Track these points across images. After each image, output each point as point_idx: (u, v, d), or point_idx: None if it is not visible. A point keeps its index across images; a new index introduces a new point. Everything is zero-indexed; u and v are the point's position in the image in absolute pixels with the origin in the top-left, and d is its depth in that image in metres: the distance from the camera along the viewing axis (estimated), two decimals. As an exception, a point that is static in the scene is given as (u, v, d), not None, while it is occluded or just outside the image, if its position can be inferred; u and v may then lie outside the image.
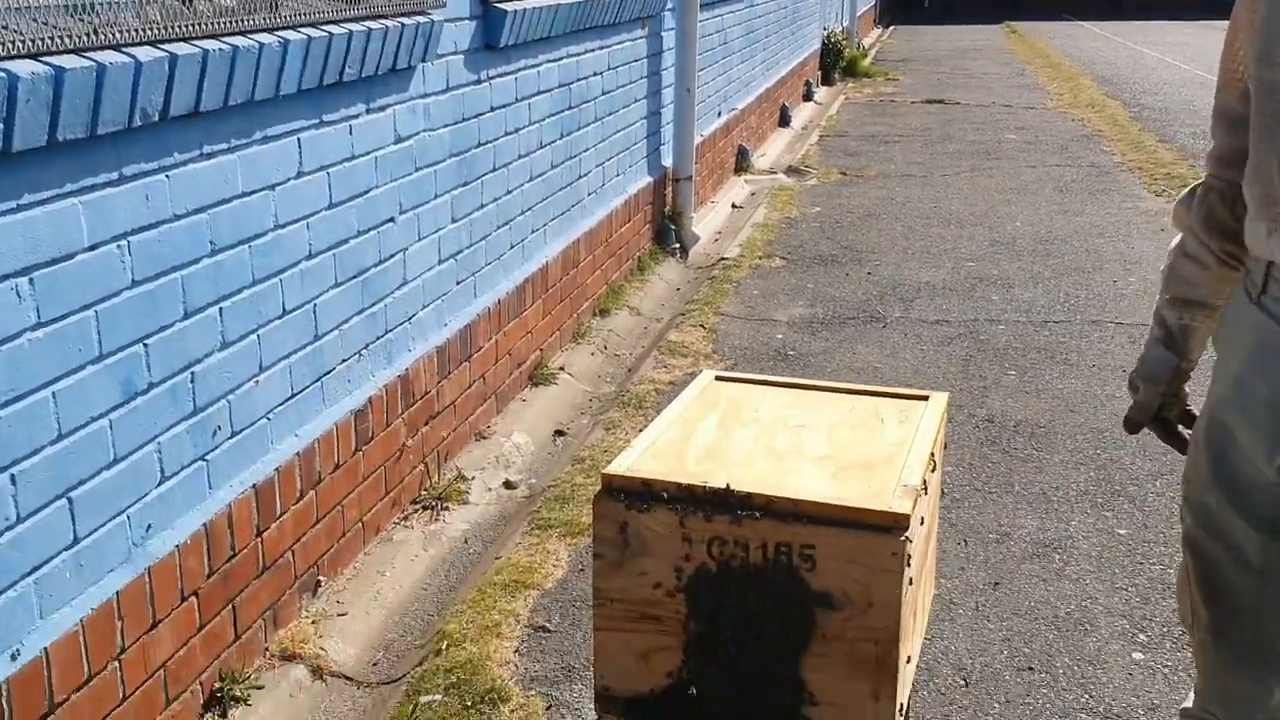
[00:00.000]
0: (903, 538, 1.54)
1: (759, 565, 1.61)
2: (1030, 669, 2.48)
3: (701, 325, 4.84)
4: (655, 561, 1.66)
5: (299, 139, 2.50)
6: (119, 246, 1.97)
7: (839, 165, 8.59)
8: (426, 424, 3.25)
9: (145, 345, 2.05)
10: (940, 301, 5.16)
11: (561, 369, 4.27)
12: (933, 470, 1.83)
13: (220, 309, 2.27)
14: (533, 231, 4.04)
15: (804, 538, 1.58)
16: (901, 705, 1.67)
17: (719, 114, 7.40)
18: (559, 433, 3.87)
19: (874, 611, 1.56)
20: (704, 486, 1.63)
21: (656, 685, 1.68)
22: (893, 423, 1.93)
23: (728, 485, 1.62)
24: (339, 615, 2.68)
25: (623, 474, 1.69)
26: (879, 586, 1.56)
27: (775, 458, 1.77)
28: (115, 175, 1.94)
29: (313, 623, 2.62)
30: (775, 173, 8.45)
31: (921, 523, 1.71)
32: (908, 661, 1.69)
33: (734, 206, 7.36)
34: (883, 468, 1.73)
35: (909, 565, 1.58)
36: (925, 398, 2.04)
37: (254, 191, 2.35)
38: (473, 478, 3.42)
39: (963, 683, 2.44)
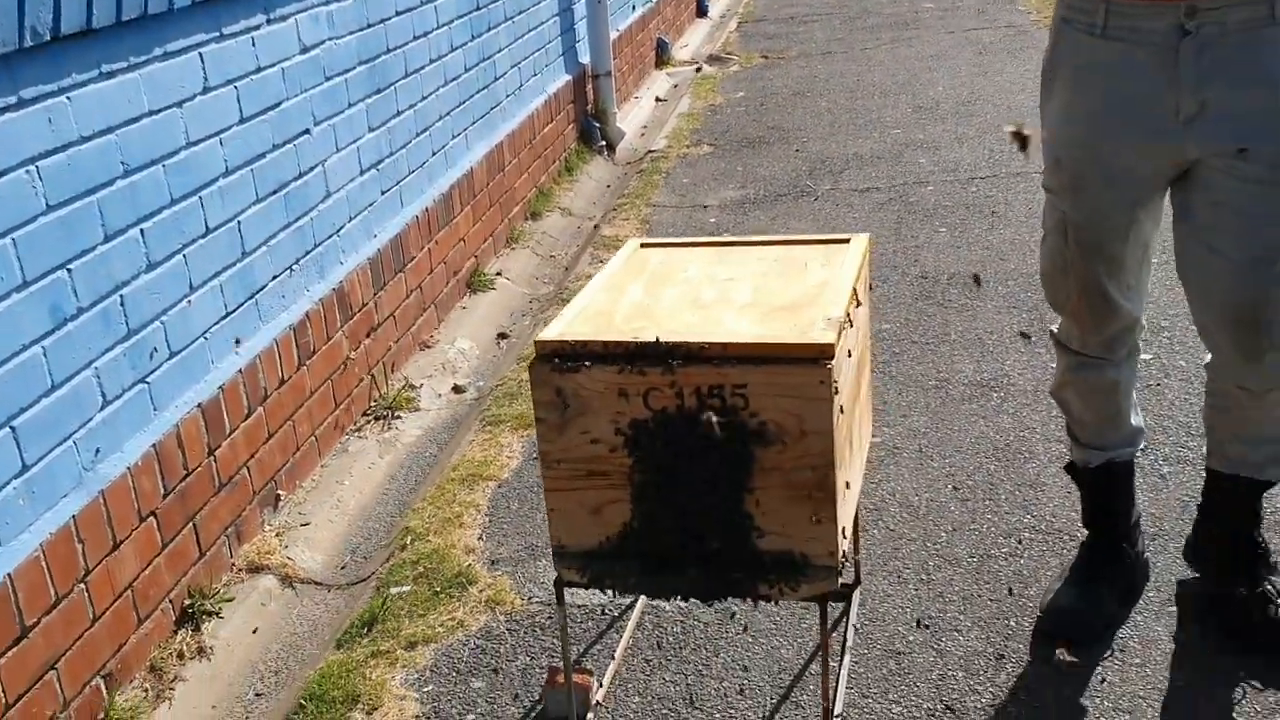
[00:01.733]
0: (828, 366, 1.60)
1: (695, 410, 1.66)
2: (974, 498, 2.59)
3: (634, 218, 4.85)
4: (595, 419, 1.70)
5: (200, 54, 2.47)
6: (28, 172, 1.95)
7: (760, 49, 8.53)
8: (368, 336, 3.27)
9: (69, 270, 2.05)
10: (869, 170, 5.20)
11: (498, 274, 4.28)
12: (857, 306, 1.88)
13: (141, 230, 2.26)
14: (454, 137, 4.01)
15: (735, 378, 1.63)
16: (844, 529, 1.74)
17: (634, 7, 7.30)
18: (501, 335, 3.90)
19: (808, 440, 1.63)
20: (634, 341, 1.68)
21: (610, 535, 1.74)
22: (816, 266, 1.98)
23: (657, 338, 1.67)
24: (302, 526, 2.72)
25: (554, 339, 1.73)
26: (811, 415, 1.62)
27: (703, 309, 1.82)
28: (14, 99, 1.91)
29: (277, 535, 2.66)
30: (697, 63, 8.39)
31: (849, 355, 1.77)
32: (847, 487, 1.77)
33: (658, 100, 7.32)
34: (807, 307, 1.78)
35: (837, 393, 1.64)
36: (846, 240, 2.09)
37: (161, 109, 2.32)
38: (421, 385, 3.45)
39: (910, 516, 2.54)
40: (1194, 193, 1.83)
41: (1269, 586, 2.06)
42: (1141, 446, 2.19)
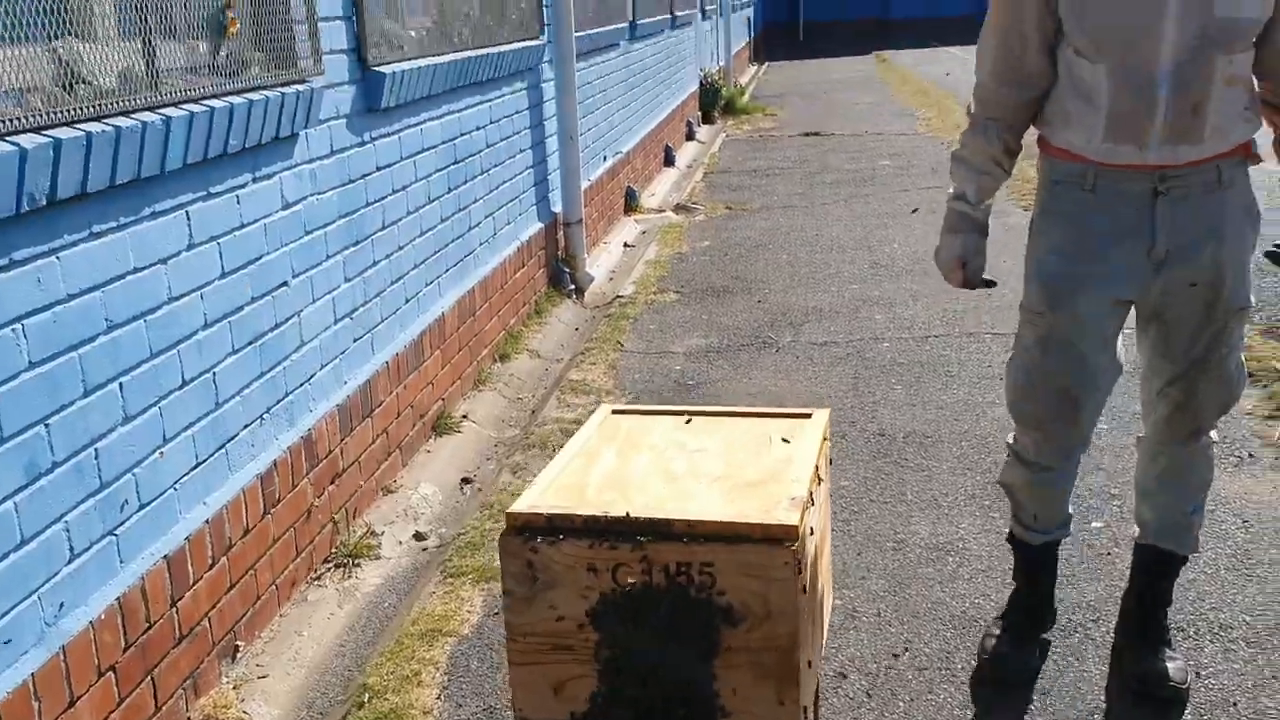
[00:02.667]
0: (793, 547, 1.66)
1: (663, 586, 1.70)
2: (930, 667, 2.62)
3: (602, 363, 4.94)
4: (563, 593, 1.74)
5: (187, 212, 2.55)
6: (14, 330, 1.99)
7: (724, 200, 8.81)
8: (332, 482, 3.29)
9: (47, 426, 2.07)
10: (828, 324, 5.35)
11: (465, 417, 4.33)
12: (819, 482, 1.95)
13: (120, 384, 2.29)
14: (426, 285, 4.11)
15: (702, 556, 1.69)
16: (806, 708, 1.78)
17: (604, 158, 7.55)
18: (466, 480, 3.92)
19: (773, 620, 1.67)
20: (605, 516, 1.73)
21: (575, 711, 1.76)
22: (780, 441, 2.05)
23: (627, 513, 1.72)
24: (260, 678, 2.69)
25: (526, 511, 1.78)
26: (776, 596, 1.67)
27: (672, 482, 1.88)
28: (5, 261, 1.97)
29: (234, 688, 2.63)
30: (664, 211, 8.64)
31: (811, 532, 1.83)
32: (809, 665, 1.80)
33: (626, 245, 7.51)
34: (771, 484, 1.84)
35: (801, 573, 1.69)
36: (808, 415, 2.17)
37: (146, 266, 2.39)
38: (382, 532, 3.46)
39: (866, 690, 2.56)
40: (1154, 315, 2.30)
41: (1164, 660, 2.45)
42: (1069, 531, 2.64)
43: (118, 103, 2.23)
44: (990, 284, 2.45)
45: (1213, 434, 2.43)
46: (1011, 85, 2.27)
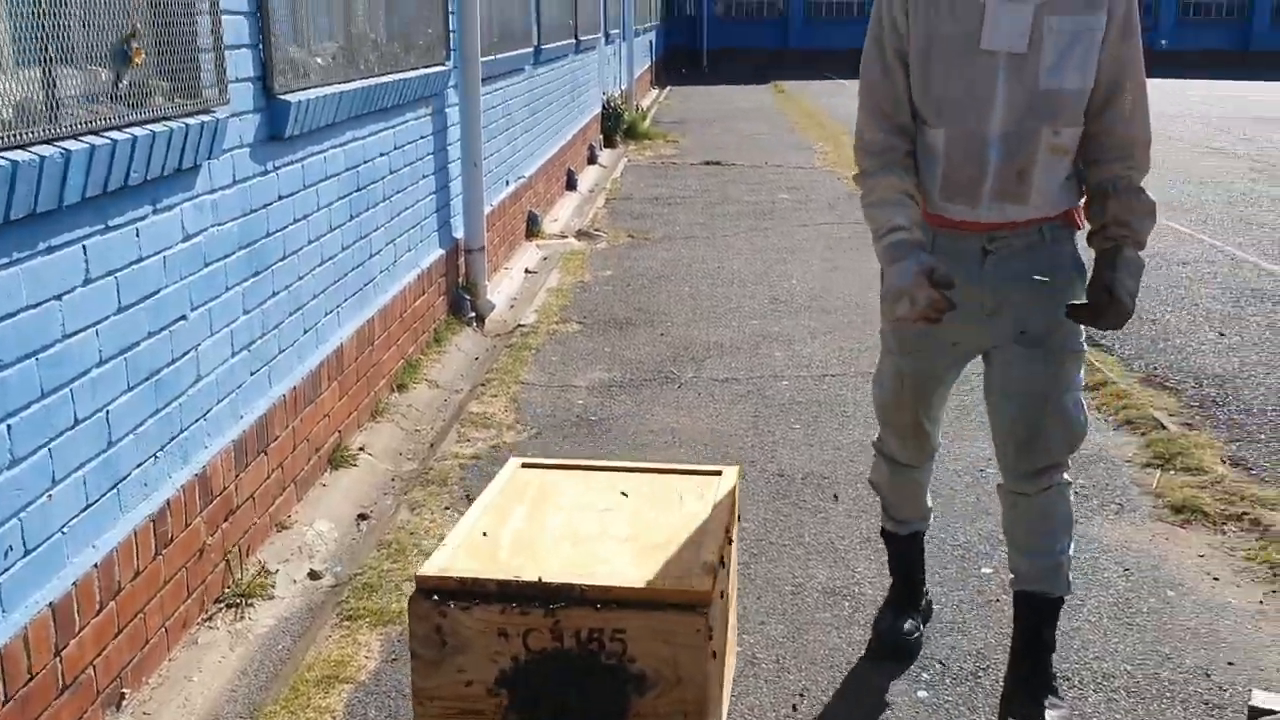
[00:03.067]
0: (705, 613, 1.68)
1: (574, 652, 1.70)
2: (826, 716, 2.66)
3: (503, 395, 4.91)
4: (473, 658, 1.73)
5: (84, 246, 2.46)
6: (-104, 373, 1.90)
7: (627, 228, 8.86)
8: (226, 520, 3.20)
9: (-72, 472, 1.98)
10: (729, 360, 5.42)
11: (361, 449, 4.26)
12: (729, 544, 1.97)
13: (8, 426, 2.20)
14: (326, 315, 4.04)
15: (614, 622, 1.69)
16: (713, 770, 1.79)
17: (507, 183, 7.53)
18: (362, 516, 3.86)
19: (683, 686, 1.68)
20: (516, 581, 1.72)
21: (481, 776, 1.75)
22: (691, 499, 2.07)
23: (539, 578, 1.72)
24: (145, 729, 2.60)
25: (436, 575, 1.76)
26: (686, 662, 1.68)
27: (583, 544, 1.88)
28: (-110, 300, 1.88)
29: (117, 740, 2.54)
30: (566, 237, 8.65)
31: (721, 596, 1.85)
32: (716, 728, 1.82)
33: (528, 272, 7.49)
34: (683, 548, 1.86)
35: (712, 639, 1.71)
36: (719, 473, 2.19)
37: (40, 303, 2.30)
38: (276, 570, 3.38)
39: (768, 734, 2.59)
40: (993, 359, 2.55)
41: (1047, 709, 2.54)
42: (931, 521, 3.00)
43: (13, 135, 2.15)
44: (952, 305, 2.39)
45: (1066, 475, 2.57)
46: (897, 134, 2.46)
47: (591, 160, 12.29)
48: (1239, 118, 17.31)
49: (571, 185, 10.54)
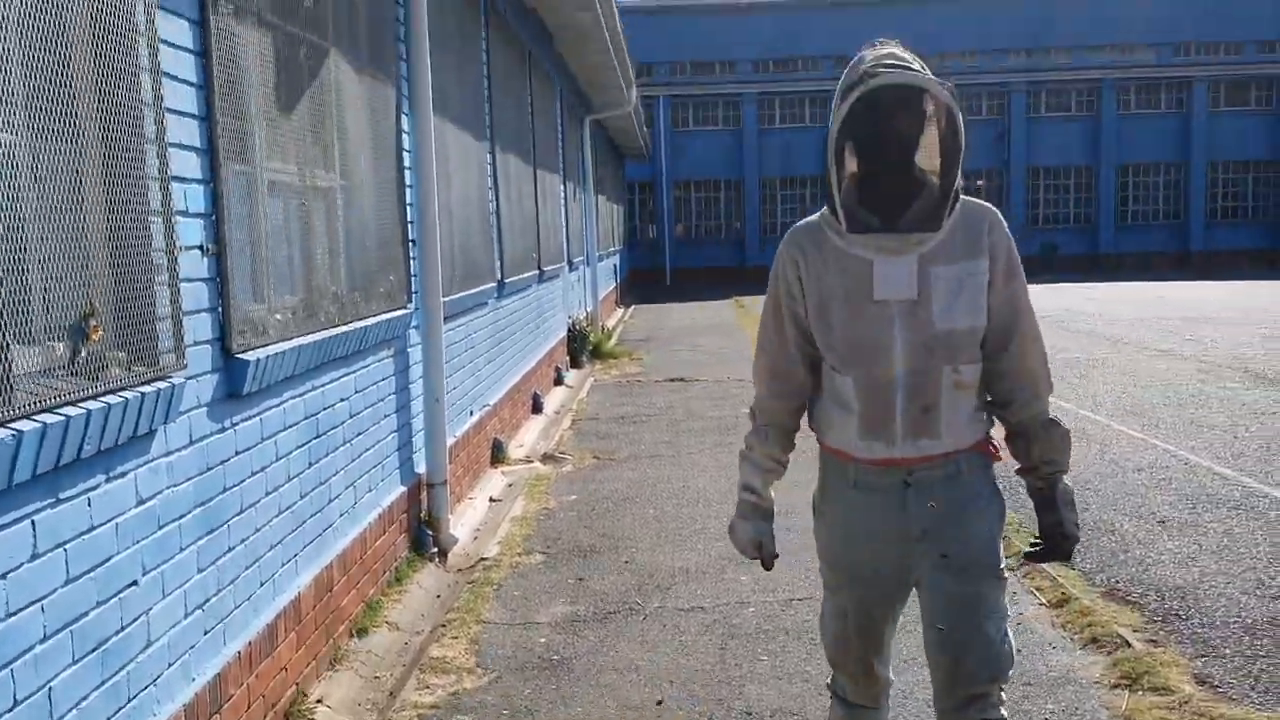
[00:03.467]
0: None
1: None
2: None
3: (464, 637, 4.84)
4: None
5: (34, 521, 2.48)
6: None
7: (592, 449, 8.94)
8: (174, 791, 3.09)
9: None
10: (694, 586, 5.39)
11: (320, 701, 4.16)
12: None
13: (-57, 715, 2.16)
14: (283, 565, 4.02)
15: None
16: None
17: (471, 413, 7.64)
18: (320, 775, 3.73)
19: None
20: None
21: None
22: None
23: None
24: None
25: None
26: None
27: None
28: None
29: None
30: (532, 461, 8.70)
31: None
32: None
33: (492, 500, 7.50)
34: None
35: None
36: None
37: (-17, 584, 2.30)
38: (227, 842, 3.24)
39: None
40: (923, 587, 2.62)
41: None
42: None
43: (-33, 422, 2.20)
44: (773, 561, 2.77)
45: (1001, 710, 2.58)
46: (782, 397, 2.70)
47: (558, 382, 12.49)
48: (1183, 318, 17.92)
49: (538, 408, 10.68)
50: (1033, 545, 2.64)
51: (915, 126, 2.43)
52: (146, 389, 2.88)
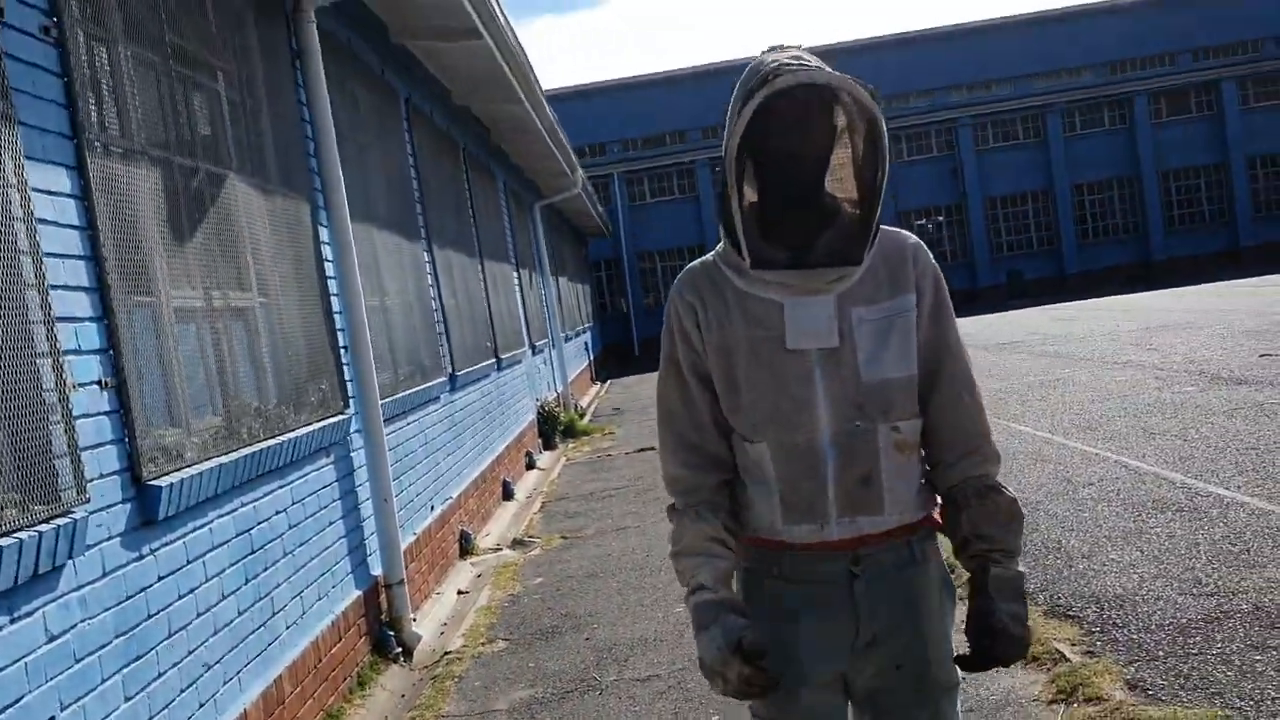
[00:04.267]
0: None
1: None
2: None
3: (423, 733, 4.86)
4: None
5: (-69, 670, 2.54)
6: None
7: (560, 529, 8.98)
8: None
9: None
10: (651, 655, 5.42)
11: (278, 816, 4.16)
12: None
13: None
14: (225, 684, 4.06)
15: None
16: None
17: (432, 508, 7.68)
18: None
19: None
20: None
21: None
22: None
23: None
24: None
25: None
26: None
27: None
28: None
29: None
30: (500, 549, 8.73)
31: None
32: None
33: (460, 593, 7.52)
34: None
35: None
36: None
37: (-122, 738, 2.36)
38: None
39: None
40: (866, 697, 2.17)
41: None
42: None
43: None
44: (775, 681, 2.04)
45: None
46: (702, 470, 2.19)
47: (530, 466, 12.55)
48: (1144, 329, 18.14)
49: (508, 495, 10.73)
50: (966, 654, 2.13)
51: (831, 137, 2.05)
52: (45, 527, 2.96)
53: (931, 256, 2.20)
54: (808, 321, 2.07)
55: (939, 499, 2.18)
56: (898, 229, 2.19)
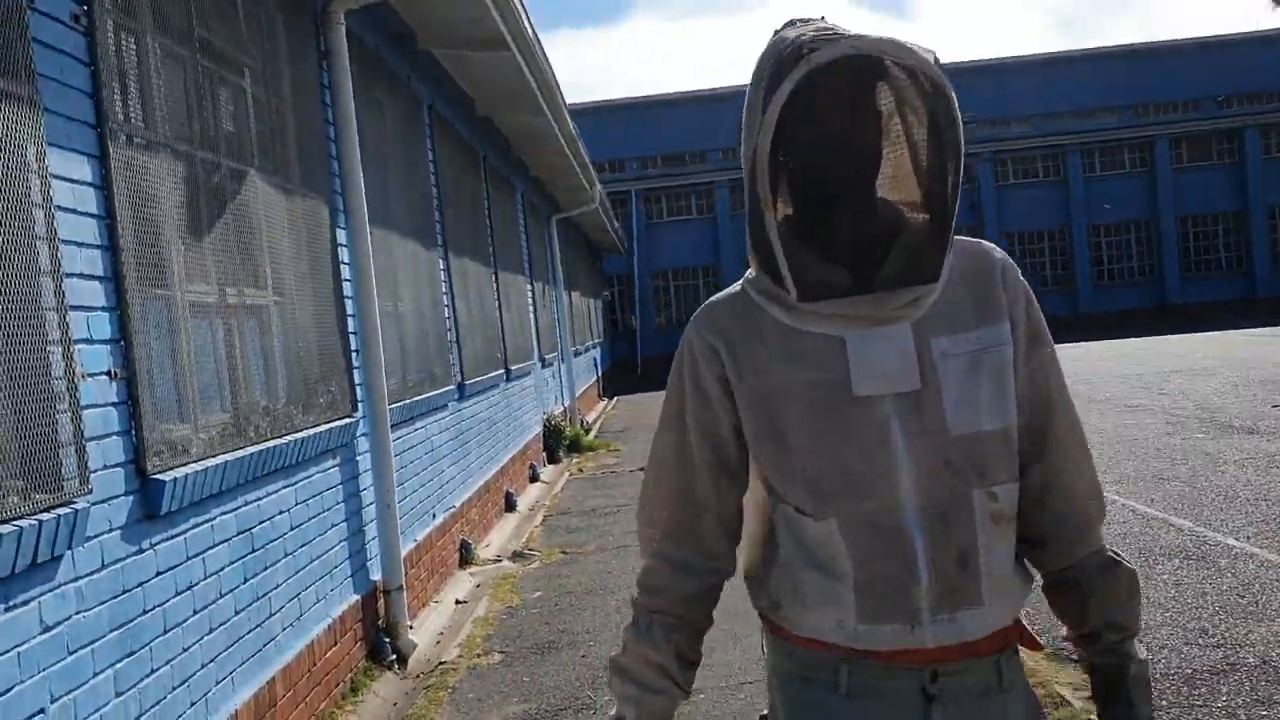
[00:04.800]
0: None
1: None
2: None
3: (413, 744, 4.82)
4: None
5: (-77, 655, 2.52)
6: None
7: (561, 544, 8.94)
8: None
9: None
10: (649, 677, 5.36)
11: (263, 820, 4.12)
12: None
13: None
14: (217, 683, 4.02)
15: None
16: None
17: (434, 516, 7.65)
18: None
19: None
20: None
21: None
22: None
23: None
24: None
25: None
26: None
27: None
28: None
29: None
30: (500, 560, 8.69)
31: None
32: None
33: (458, 602, 7.48)
34: None
35: None
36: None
37: None
38: None
39: None
40: None
41: None
42: None
43: None
44: None
45: None
46: (683, 571, 1.77)
47: (533, 479, 12.51)
48: (1156, 372, 18.06)
49: (511, 507, 10.69)
50: None
51: (880, 123, 1.62)
52: (46, 516, 2.93)
53: (1020, 274, 1.73)
54: (878, 360, 1.61)
55: (1042, 577, 1.75)
56: (975, 238, 1.75)
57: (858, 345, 1.61)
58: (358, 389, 6.05)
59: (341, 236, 6.04)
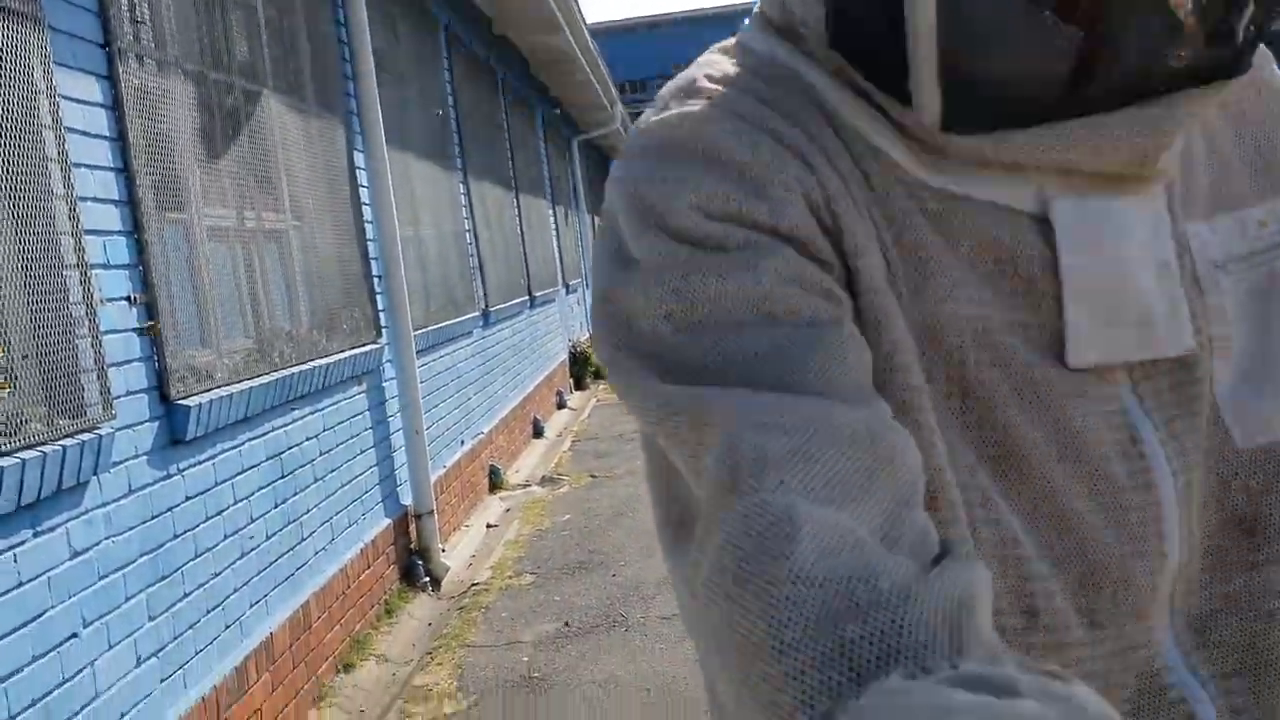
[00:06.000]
0: None
1: None
2: None
3: (448, 663, 4.85)
4: None
5: (-47, 581, 2.51)
6: None
7: (590, 468, 8.94)
8: (138, 839, 3.11)
9: None
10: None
11: (302, 740, 4.17)
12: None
13: None
14: (251, 606, 4.04)
15: None
16: None
17: (462, 442, 7.65)
18: (298, 812, 3.74)
19: None
20: None
21: None
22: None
23: None
24: None
25: None
26: None
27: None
28: None
29: None
30: (530, 485, 8.71)
31: None
32: None
33: (489, 526, 7.51)
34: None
35: None
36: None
37: (-102, 647, 2.33)
38: None
39: None
40: None
41: None
42: None
43: None
44: None
45: None
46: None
47: (560, 405, 12.50)
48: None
49: (539, 433, 10.70)
50: None
51: None
52: (69, 441, 2.91)
53: None
54: (1122, 282, 0.74)
55: None
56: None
57: (1079, 244, 0.74)
58: (381, 315, 6.00)
59: (359, 159, 5.95)
